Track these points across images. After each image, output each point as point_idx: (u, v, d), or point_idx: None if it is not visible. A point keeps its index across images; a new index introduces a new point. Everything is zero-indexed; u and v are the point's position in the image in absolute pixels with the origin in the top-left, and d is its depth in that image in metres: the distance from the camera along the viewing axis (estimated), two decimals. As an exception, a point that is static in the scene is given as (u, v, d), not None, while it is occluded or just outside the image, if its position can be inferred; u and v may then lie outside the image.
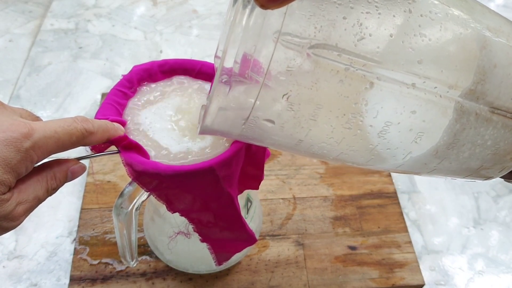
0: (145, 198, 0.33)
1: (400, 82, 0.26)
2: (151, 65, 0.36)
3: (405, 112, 0.26)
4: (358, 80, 0.25)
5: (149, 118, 0.34)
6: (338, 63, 0.24)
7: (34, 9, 0.85)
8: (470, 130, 0.28)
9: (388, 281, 0.49)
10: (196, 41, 0.80)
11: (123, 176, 0.56)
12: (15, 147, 0.25)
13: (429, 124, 0.27)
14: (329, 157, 0.29)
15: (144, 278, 0.48)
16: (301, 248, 0.51)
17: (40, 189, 0.28)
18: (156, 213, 0.43)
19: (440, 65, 0.26)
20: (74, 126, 0.28)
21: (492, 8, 0.33)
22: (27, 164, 0.26)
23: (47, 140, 0.26)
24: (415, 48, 0.25)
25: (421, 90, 0.26)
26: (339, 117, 0.26)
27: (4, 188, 0.25)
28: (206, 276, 0.48)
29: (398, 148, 0.28)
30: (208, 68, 0.38)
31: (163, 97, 0.36)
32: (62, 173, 0.29)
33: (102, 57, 0.77)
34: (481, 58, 0.27)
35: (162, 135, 0.32)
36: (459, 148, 0.29)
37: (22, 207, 0.26)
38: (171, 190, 0.31)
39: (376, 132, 0.27)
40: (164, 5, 0.88)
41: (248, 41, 0.23)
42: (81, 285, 0.48)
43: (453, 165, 0.30)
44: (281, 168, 0.59)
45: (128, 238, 0.34)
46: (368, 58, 0.25)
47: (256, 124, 0.27)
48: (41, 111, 0.68)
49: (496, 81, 0.28)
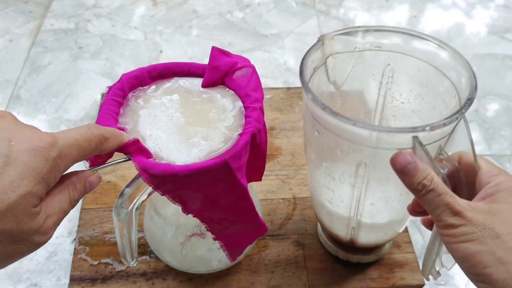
0: (145, 198, 0.33)
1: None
2: (140, 71, 0.36)
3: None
4: None
5: (153, 134, 0.34)
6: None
7: (34, 9, 0.85)
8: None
9: (388, 281, 0.49)
10: (196, 41, 0.80)
11: (123, 176, 0.56)
12: (43, 157, 0.24)
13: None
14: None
15: (144, 278, 0.48)
16: (301, 248, 0.51)
17: (64, 201, 0.27)
18: (156, 213, 0.43)
19: None
20: (91, 133, 0.28)
21: (492, 8, 0.34)
22: (55, 173, 0.26)
23: (71, 148, 0.26)
24: None
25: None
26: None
27: (36, 200, 0.24)
28: (206, 276, 0.48)
29: None
30: (196, 68, 0.38)
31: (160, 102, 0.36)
32: (82, 184, 0.29)
33: (102, 57, 0.77)
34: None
35: (170, 150, 0.33)
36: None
37: (51, 220, 0.26)
38: (185, 191, 0.31)
39: None
40: (164, 5, 0.88)
41: None
42: (81, 285, 0.48)
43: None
44: (281, 168, 0.59)
45: (128, 238, 0.34)
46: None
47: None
48: (41, 111, 0.68)
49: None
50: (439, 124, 0.31)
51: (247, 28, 0.84)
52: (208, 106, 0.36)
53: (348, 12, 0.88)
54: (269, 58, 0.78)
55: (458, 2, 0.91)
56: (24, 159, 0.24)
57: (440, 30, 0.85)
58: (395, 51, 0.40)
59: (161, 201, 0.42)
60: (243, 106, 0.36)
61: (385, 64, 0.42)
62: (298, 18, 0.87)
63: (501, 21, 0.86)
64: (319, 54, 0.39)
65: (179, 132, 0.34)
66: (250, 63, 0.38)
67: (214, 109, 0.36)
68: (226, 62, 0.37)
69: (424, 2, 0.91)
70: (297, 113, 0.65)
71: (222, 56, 0.37)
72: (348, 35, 0.40)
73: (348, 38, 0.40)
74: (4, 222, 0.23)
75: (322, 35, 0.39)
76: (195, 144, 0.33)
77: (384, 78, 0.42)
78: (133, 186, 0.32)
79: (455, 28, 0.85)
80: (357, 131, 0.33)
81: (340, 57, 0.41)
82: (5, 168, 0.23)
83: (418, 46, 0.39)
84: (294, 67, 0.77)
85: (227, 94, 0.37)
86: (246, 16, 0.86)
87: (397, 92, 0.43)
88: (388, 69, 0.42)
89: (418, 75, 0.41)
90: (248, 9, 0.88)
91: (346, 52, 0.41)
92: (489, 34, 0.84)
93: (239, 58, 0.38)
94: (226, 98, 0.37)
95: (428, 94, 0.41)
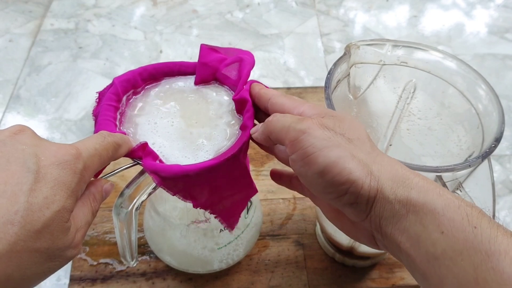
0: (145, 198, 0.33)
1: None
2: (131, 74, 0.36)
3: None
4: None
5: (156, 142, 0.34)
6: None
7: (34, 9, 0.85)
8: None
9: (388, 281, 0.49)
10: (196, 41, 0.80)
11: (123, 176, 0.56)
12: (71, 170, 0.24)
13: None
14: None
15: (144, 278, 0.48)
16: (301, 248, 0.51)
17: (88, 213, 0.27)
18: (156, 213, 0.43)
19: None
20: (107, 141, 0.28)
21: (492, 8, 0.33)
22: (82, 185, 0.25)
23: (93, 159, 0.26)
24: None
25: None
26: None
27: (68, 214, 0.24)
28: (206, 276, 0.48)
29: None
30: (187, 67, 0.38)
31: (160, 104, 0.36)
32: (100, 193, 0.29)
33: (102, 57, 0.77)
34: None
35: (175, 156, 0.33)
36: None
37: (80, 233, 0.26)
38: (196, 188, 0.32)
39: None
40: (164, 5, 0.88)
41: None
42: (81, 285, 0.48)
43: None
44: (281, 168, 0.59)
45: (128, 238, 0.34)
46: None
47: None
48: (41, 111, 0.68)
49: None
50: (464, 166, 0.30)
51: (247, 28, 0.84)
52: (205, 104, 0.36)
53: (348, 12, 0.88)
54: (269, 58, 0.78)
55: (458, 2, 0.91)
56: (54, 174, 0.23)
57: (440, 30, 0.85)
58: (421, 69, 0.39)
59: (161, 201, 0.42)
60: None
61: (408, 79, 0.41)
62: (298, 18, 0.87)
63: (501, 21, 0.86)
64: (345, 66, 0.38)
65: (182, 137, 0.34)
66: (243, 54, 0.38)
67: (211, 106, 0.36)
68: (215, 58, 0.37)
69: (424, 2, 0.91)
70: (297, 113, 0.65)
71: (211, 53, 0.37)
72: (375, 46, 0.39)
73: (374, 50, 0.39)
74: (41, 241, 0.23)
75: (348, 45, 0.38)
76: (200, 147, 0.33)
77: (404, 93, 0.42)
78: (133, 186, 0.32)
79: (455, 28, 0.85)
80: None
81: (363, 67, 0.40)
82: (36, 184, 0.23)
83: (447, 67, 0.38)
84: (294, 67, 0.77)
85: (220, 89, 0.37)
86: (246, 16, 0.86)
87: (415, 108, 0.42)
88: (410, 84, 0.41)
89: (440, 96, 0.40)
90: (248, 9, 0.88)
91: (370, 63, 0.40)
92: (489, 34, 0.84)
93: (235, 51, 0.38)
94: (220, 94, 0.37)
95: (448, 116, 0.40)
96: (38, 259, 0.23)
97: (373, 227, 0.26)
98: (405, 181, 0.25)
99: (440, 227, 0.23)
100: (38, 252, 0.23)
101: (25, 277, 0.23)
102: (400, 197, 0.24)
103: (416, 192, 0.24)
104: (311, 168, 0.26)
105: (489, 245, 0.21)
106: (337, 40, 0.82)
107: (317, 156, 0.26)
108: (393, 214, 0.25)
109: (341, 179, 0.25)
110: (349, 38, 0.83)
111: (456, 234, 0.22)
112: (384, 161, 0.26)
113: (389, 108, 0.43)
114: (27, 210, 0.22)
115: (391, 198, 0.25)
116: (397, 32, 0.84)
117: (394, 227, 0.25)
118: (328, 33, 0.83)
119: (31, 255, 0.22)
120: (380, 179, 0.25)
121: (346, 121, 0.28)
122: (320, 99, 0.69)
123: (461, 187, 0.32)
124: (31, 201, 0.22)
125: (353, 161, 0.25)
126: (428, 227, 0.23)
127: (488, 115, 0.35)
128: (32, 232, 0.22)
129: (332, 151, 0.26)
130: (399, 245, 0.25)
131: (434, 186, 0.25)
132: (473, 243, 0.22)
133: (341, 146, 0.26)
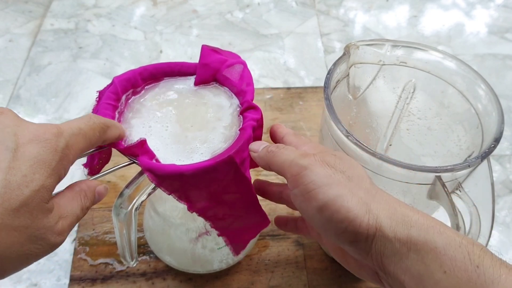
0: (144, 198, 0.33)
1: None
2: (131, 73, 0.36)
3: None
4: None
5: (150, 145, 0.34)
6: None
7: (34, 9, 0.85)
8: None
9: (388, 281, 0.49)
10: (196, 41, 0.80)
11: (123, 176, 0.56)
12: (51, 148, 0.24)
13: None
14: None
15: (144, 278, 0.48)
16: (301, 248, 0.51)
17: (76, 207, 0.27)
18: (156, 213, 0.43)
19: None
20: (93, 121, 0.28)
21: (492, 8, 0.33)
22: (65, 164, 0.25)
23: (77, 138, 0.26)
24: None
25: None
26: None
27: (48, 194, 0.24)
28: (206, 276, 0.48)
29: None
30: (187, 68, 0.38)
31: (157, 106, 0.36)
32: (92, 193, 0.29)
33: (102, 57, 0.77)
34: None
35: (170, 161, 0.33)
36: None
37: (65, 221, 0.26)
38: (192, 189, 0.32)
39: None
40: (164, 5, 0.88)
41: None
42: (81, 285, 0.48)
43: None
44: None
45: (128, 238, 0.34)
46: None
47: None
48: (41, 111, 0.68)
49: None
50: (464, 166, 0.30)
51: (247, 28, 0.84)
52: (203, 107, 0.36)
53: (348, 12, 0.88)
54: (269, 58, 0.78)
55: (458, 2, 0.91)
56: (34, 152, 0.23)
57: (440, 30, 0.85)
58: (420, 69, 0.39)
59: (160, 201, 0.42)
60: (239, 103, 0.36)
61: (408, 79, 0.41)
62: (298, 18, 0.87)
63: (501, 21, 0.86)
64: (344, 66, 0.38)
65: (177, 141, 0.34)
66: (241, 59, 0.38)
67: (209, 109, 0.36)
68: (216, 59, 0.37)
69: (424, 2, 0.91)
70: (297, 113, 0.65)
71: (212, 54, 0.37)
72: (374, 46, 0.39)
73: (373, 50, 0.39)
74: (20, 219, 0.23)
75: (348, 45, 0.38)
76: (195, 150, 0.33)
77: (404, 93, 0.42)
78: (132, 186, 0.32)
79: (455, 28, 0.85)
80: (375, 161, 0.32)
81: (362, 67, 0.40)
82: (14, 162, 0.23)
83: (447, 67, 0.38)
84: (294, 67, 0.77)
85: (220, 91, 0.37)
86: (246, 16, 0.86)
87: (415, 108, 0.42)
88: (409, 84, 0.41)
89: (440, 96, 0.40)
90: (248, 9, 0.88)
91: (369, 63, 0.40)
92: (489, 34, 0.84)
93: (229, 54, 0.38)
94: (220, 96, 0.37)
95: (448, 116, 0.40)
96: (17, 239, 0.23)
97: (376, 265, 0.26)
98: (405, 219, 0.25)
99: (443, 267, 0.23)
100: (17, 231, 0.23)
101: (6, 257, 0.23)
102: (400, 235, 0.25)
103: (416, 230, 0.25)
104: (311, 204, 0.27)
105: (493, 286, 0.22)
106: (337, 40, 0.82)
107: (317, 193, 0.26)
108: (394, 252, 0.25)
109: (339, 217, 0.26)
110: (349, 38, 0.83)
111: (459, 274, 0.23)
112: (383, 199, 0.27)
113: (388, 108, 0.43)
114: (5, 187, 0.22)
115: (390, 236, 0.25)
116: (397, 32, 0.84)
117: (396, 265, 0.25)
118: (328, 33, 0.83)
119: (10, 234, 0.22)
120: (379, 217, 0.25)
121: (346, 159, 0.28)
122: (320, 99, 0.69)
123: (460, 187, 0.33)
124: (9, 178, 0.22)
125: (352, 199, 0.26)
126: (430, 266, 0.23)
127: (487, 115, 0.35)
128: (10, 210, 0.22)
129: (331, 188, 0.26)
130: (402, 283, 0.25)
131: (434, 223, 0.25)
132: (476, 283, 0.22)
133: (341, 184, 0.26)
